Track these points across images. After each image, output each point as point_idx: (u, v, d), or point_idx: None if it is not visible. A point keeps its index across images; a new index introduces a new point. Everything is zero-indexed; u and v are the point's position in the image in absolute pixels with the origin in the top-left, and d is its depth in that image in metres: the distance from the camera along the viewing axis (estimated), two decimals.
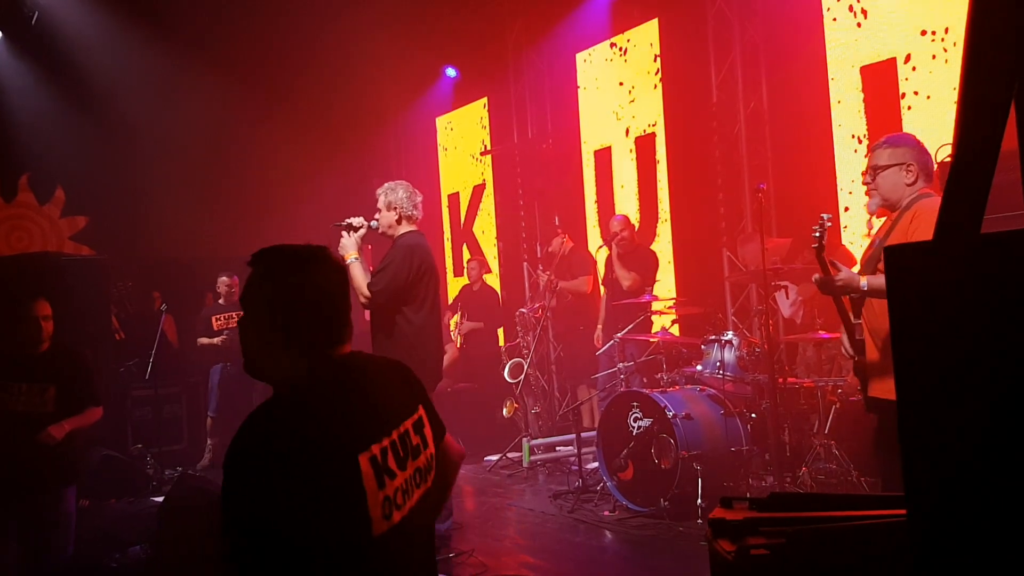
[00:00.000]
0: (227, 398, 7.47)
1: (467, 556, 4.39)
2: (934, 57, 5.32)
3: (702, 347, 5.27)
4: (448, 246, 10.30)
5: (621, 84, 7.80)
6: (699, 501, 4.59)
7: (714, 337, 5.20)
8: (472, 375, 7.92)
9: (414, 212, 4.29)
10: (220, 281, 7.87)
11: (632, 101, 7.69)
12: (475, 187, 9.81)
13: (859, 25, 5.84)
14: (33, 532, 3.82)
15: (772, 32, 6.47)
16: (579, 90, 8.35)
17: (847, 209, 5.86)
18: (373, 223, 4.26)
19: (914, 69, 5.46)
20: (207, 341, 7.69)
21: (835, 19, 6.02)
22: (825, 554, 1.31)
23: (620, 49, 7.83)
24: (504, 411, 7.44)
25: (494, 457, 6.93)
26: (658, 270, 6.48)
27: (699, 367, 5.24)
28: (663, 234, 7.34)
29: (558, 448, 7.06)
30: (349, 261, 4.09)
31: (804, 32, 6.17)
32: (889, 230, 3.05)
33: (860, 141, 5.81)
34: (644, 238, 7.22)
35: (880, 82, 5.67)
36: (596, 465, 5.55)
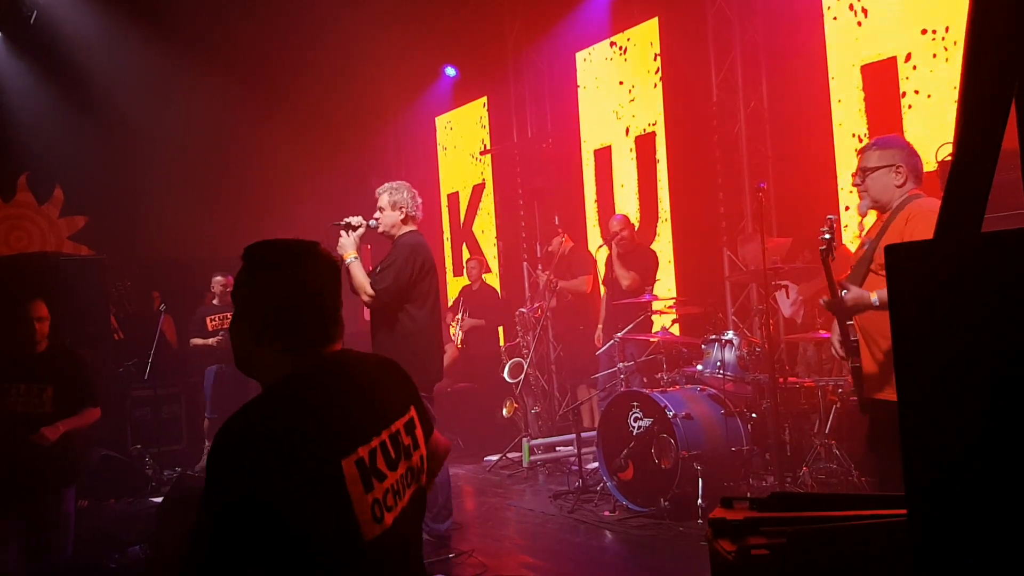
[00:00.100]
0: (223, 399, 7.37)
1: (467, 556, 4.39)
2: (934, 56, 5.32)
3: (702, 347, 5.27)
4: (448, 246, 10.29)
5: (621, 83, 7.79)
6: (699, 501, 4.58)
7: (714, 337, 5.20)
8: (472, 375, 7.91)
9: (417, 212, 4.38)
10: (215, 281, 7.76)
11: (632, 100, 7.68)
12: (475, 186, 9.81)
13: (859, 24, 5.84)
14: (33, 532, 3.83)
15: (772, 31, 6.46)
16: (579, 89, 8.35)
17: (848, 208, 5.86)
18: (372, 223, 4.27)
19: (915, 68, 5.46)
20: (201, 342, 7.59)
21: (835, 18, 6.01)
22: (826, 554, 1.31)
23: (620, 48, 7.83)
24: (504, 411, 7.43)
25: (494, 457, 6.92)
26: (658, 270, 6.48)
27: (699, 367, 5.24)
28: (663, 233, 7.34)
29: (558, 448, 7.05)
30: (348, 261, 4.10)
31: (804, 31, 6.17)
32: (880, 231, 3.04)
33: (860, 140, 5.80)
34: (644, 237, 7.21)
35: (880, 81, 5.66)
36: (596, 465, 5.54)
